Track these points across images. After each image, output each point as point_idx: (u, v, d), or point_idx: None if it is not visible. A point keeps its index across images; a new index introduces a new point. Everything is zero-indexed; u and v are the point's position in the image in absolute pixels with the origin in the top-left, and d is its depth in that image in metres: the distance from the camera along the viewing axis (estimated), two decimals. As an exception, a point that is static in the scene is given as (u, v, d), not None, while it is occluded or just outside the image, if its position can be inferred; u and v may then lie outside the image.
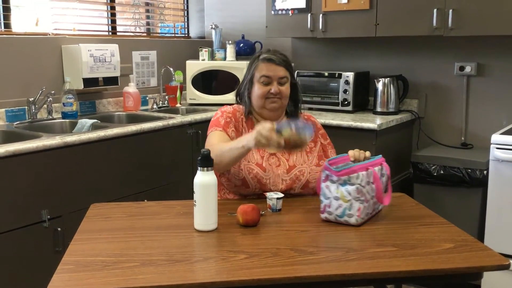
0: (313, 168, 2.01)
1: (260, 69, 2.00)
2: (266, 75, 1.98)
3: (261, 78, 1.99)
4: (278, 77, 1.99)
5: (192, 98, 3.67)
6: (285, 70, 2.01)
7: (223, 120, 2.01)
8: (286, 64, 2.02)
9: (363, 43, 3.49)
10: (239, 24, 3.99)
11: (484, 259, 1.43)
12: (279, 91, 1.99)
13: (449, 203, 2.83)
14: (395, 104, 3.24)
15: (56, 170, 2.35)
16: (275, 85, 1.98)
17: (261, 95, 1.99)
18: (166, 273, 1.34)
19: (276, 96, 1.99)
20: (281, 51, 2.07)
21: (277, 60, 1.99)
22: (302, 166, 2.00)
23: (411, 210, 1.85)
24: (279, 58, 2.01)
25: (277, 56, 2.01)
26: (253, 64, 2.04)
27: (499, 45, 3.04)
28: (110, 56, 3.12)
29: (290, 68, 2.04)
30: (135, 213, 1.83)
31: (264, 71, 1.99)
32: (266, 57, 2.00)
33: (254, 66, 2.02)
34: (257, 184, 1.94)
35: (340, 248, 1.52)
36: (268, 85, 1.99)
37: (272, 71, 1.98)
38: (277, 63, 1.99)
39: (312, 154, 2.06)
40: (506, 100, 3.05)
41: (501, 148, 2.49)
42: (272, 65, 1.99)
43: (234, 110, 2.07)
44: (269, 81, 1.99)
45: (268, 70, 1.99)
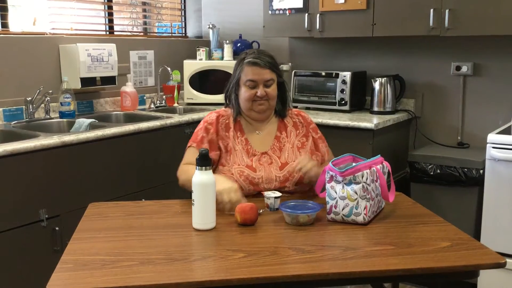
0: None
1: (246, 73, 2.00)
2: (252, 79, 1.99)
3: (247, 82, 2.00)
4: (264, 80, 1.99)
5: (190, 98, 3.68)
6: (270, 72, 2.01)
7: (201, 134, 2.03)
8: (271, 65, 2.02)
9: (360, 43, 3.50)
10: (237, 24, 4.00)
11: (481, 257, 1.44)
12: (266, 94, 2.00)
13: (445, 202, 2.84)
14: (392, 103, 3.25)
15: (54, 170, 2.35)
16: (261, 88, 1.99)
17: (247, 98, 2.00)
18: (164, 271, 1.35)
19: (263, 99, 2.00)
20: (266, 52, 2.07)
21: (262, 63, 1.99)
22: (294, 163, 2.01)
23: (408, 209, 1.87)
24: (264, 60, 2.00)
25: (262, 59, 2.00)
26: (239, 66, 2.04)
27: (496, 45, 3.05)
28: (107, 56, 3.12)
29: (276, 69, 2.04)
30: (134, 212, 1.84)
31: (249, 75, 1.99)
32: (251, 61, 2.00)
33: (240, 69, 2.03)
34: (250, 185, 1.96)
35: (338, 246, 1.53)
36: (254, 88, 1.99)
37: (257, 75, 1.99)
38: (262, 66, 1.99)
39: (304, 149, 2.07)
40: (502, 100, 3.07)
41: (497, 148, 2.50)
42: (257, 68, 1.99)
43: (218, 117, 2.07)
44: (255, 84, 1.99)
45: (254, 73, 1.99)
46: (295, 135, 2.10)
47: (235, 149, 2.02)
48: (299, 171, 1.92)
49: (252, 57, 2.01)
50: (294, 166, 1.95)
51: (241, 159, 1.99)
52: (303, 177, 1.95)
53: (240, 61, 2.05)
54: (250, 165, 1.98)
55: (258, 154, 2.02)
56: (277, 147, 2.05)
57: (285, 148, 2.05)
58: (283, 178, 1.99)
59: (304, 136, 2.10)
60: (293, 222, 1.68)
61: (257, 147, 2.04)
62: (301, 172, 1.91)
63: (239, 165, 1.98)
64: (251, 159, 2.00)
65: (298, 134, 2.10)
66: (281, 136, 2.08)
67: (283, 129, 2.10)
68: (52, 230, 2.34)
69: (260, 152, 2.03)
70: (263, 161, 2.01)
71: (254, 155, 2.02)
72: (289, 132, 2.10)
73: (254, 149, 2.03)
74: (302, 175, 1.92)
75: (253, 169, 1.98)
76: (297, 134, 2.10)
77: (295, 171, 1.95)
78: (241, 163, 1.99)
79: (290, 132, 2.10)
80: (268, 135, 2.08)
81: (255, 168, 1.98)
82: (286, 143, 2.07)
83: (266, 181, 1.98)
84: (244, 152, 2.01)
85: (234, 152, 2.01)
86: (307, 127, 2.13)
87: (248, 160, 2.00)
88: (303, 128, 2.12)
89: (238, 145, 2.03)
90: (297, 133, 2.10)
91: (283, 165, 2.01)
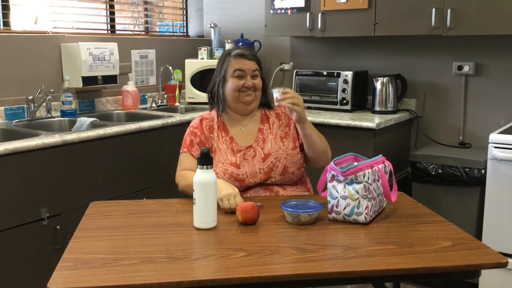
0: (289, 152, 2.05)
1: (233, 65, 2.06)
2: (240, 69, 2.04)
3: (235, 72, 2.04)
4: (251, 70, 2.05)
5: (191, 97, 3.68)
6: (256, 64, 2.08)
7: (189, 138, 2.09)
8: (256, 58, 2.10)
9: (361, 42, 3.50)
10: (238, 23, 4.00)
11: (482, 257, 1.44)
12: (253, 85, 2.05)
13: (447, 202, 2.84)
14: (394, 103, 3.25)
15: (55, 168, 2.36)
16: (249, 79, 2.05)
17: (234, 88, 2.04)
18: (165, 270, 1.35)
19: (250, 89, 2.05)
20: (251, 49, 2.18)
21: (249, 55, 2.07)
22: (277, 153, 2.03)
23: (410, 209, 1.86)
24: (250, 53, 2.09)
25: (247, 51, 2.09)
26: (225, 62, 2.09)
27: (498, 45, 3.04)
28: (109, 55, 3.12)
29: (259, 63, 2.11)
30: (135, 211, 1.84)
31: (237, 65, 2.05)
32: (238, 53, 2.07)
33: (227, 63, 2.07)
34: (235, 182, 1.99)
35: (339, 246, 1.52)
36: (242, 78, 2.04)
37: (245, 65, 2.05)
38: (249, 57, 2.06)
39: (288, 139, 2.09)
40: (504, 100, 3.06)
41: (499, 147, 2.49)
42: (244, 60, 2.06)
43: (201, 120, 2.11)
44: (243, 74, 2.04)
45: (242, 64, 2.05)
46: (278, 126, 2.11)
47: (219, 148, 2.05)
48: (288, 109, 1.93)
49: (238, 50, 2.08)
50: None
51: (225, 158, 2.02)
52: (287, 111, 1.97)
53: (225, 56, 2.10)
54: (234, 162, 2.01)
55: (243, 149, 2.05)
56: (260, 139, 2.07)
57: (268, 140, 2.07)
58: (267, 169, 2.01)
59: (286, 125, 2.12)
60: (294, 222, 1.67)
61: (241, 142, 2.06)
62: (288, 103, 1.90)
63: (223, 164, 2.01)
64: (236, 156, 2.03)
65: (281, 124, 2.12)
66: (264, 128, 2.10)
67: (265, 121, 2.12)
68: (53, 229, 2.34)
69: (244, 146, 2.05)
70: (248, 156, 2.03)
71: (240, 151, 2.04)
72: (272, 123, 2.12)
73: (239, 146, 2.05)
74: (289, 107, 1.91)
75: (237, 165, 2.00)
76: (280, 124, 2.12)
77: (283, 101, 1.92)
78: (225, 162, 2.01)
79: (272, 123, 2.12)
80: (252, 129, 2.11)
81: (239, 165, 2.00)
82: (269, 134, 2.08)
83: (250, 175, 2.00)
84: (229, 151, 2.04)
85: (219, 152, 2.04)
86: (289, 116, 2.14)
87: (233, 157, 2.02)
88: (286, 117, 2.14)
89: (222, 145, 2.05)
90: (280, 124, 2.12)
91: (266, 156, 2.03)
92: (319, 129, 2.17)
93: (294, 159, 2.05)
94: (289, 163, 2.03)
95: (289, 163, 2.03)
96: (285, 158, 2.03)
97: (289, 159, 2.03)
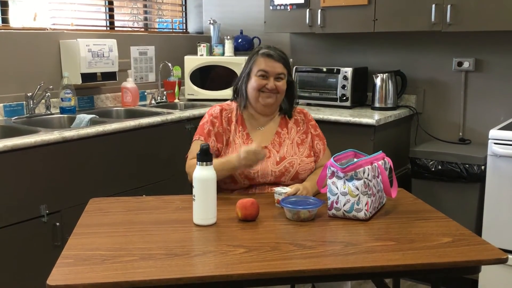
0: (303, 159, 2.04)
1: (258, 64, 2.01)
2: (264, 70, 2.00)
3: (258, 72, 2.01)
4: (276, 73, 2.00)
5: (190, 94, 3.67)
6: (283, 67, 2.02)
7: (207, 127, 2.04)
8: (285, 61, 2.04)
9: (361, 38, 3.49)
10: (238, 20, 3.99)
11: (482, 253, 1.44)
12: (275, 87, 2.00)
13: (447, 198, 2.83)
14: (393, 99, 3.25)
15: (54, 165, 2.35)
16: (272, 81, 2.00)
17: (256, 87, 2.01)
18: (165, 267, 1.34)
19: (272, 92, 2.00)
20: (280, 49, 2.09)
21: (276, 56, 2.01)
22: (292, 158, 2.02)
23: (410, 205, 1.86)
24: (278, 54, 2.02)
25: (277, 53, 2.03)
26: (252, 58, 2.05)
27: (497, 41, 3.04)
28: (108, 51, 3.11)
29: (288, 66, 2.06)
30: (134, 208, 1.84)
31: (262, 65, 2.00)
32: (265, 52, 2.02)
33: (253, 61, 2.04)
34: (245, 180, 1.98)
35: (339, 242, 1.52)
36: (265, 79, 2.00)
37: (270, 67, 2.00)
38: (276, 59, 2.00)
39: (304, 146, 2.08)
40: (504, 96, 3.06)
41: (499, 144, 2.49)
42: (271, 60, 2.00)
43: (221, 110, 2.08)
44: (266, 75, 2.00)
45: (267, 65, 2.00)
46: (295, 132, 2.10)
47: (234, 142, 2.02)
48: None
49: (266, 50, 2.03)
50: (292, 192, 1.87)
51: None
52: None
53: (253, 54, 2.07)
54: None
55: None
56: (277, 142, 2.05)
57: (284, 144, 2.05)
58: (279, 173, 1.99)
59: (304, 133, 2.11)
60: (294, 218, 1.67)
61: (257, 141, 2.04)
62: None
63: None
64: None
65: (299, 131, 2.10)
66: (282, 132, 2.08)
67: (284, 126, 2.10)
68: (53, 226, 2.33)
69: (259, 146, 2.02)
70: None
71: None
72: (290, 128, 2.10)
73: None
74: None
75: None
76: (297, 130, 2.10)
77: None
78: None
79: (291, 128, 2.10)
80: (269, 131, 2.08)
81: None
82: (286, 139, 2.07)
83: (261, 175, 1.98)
84: (243, 146, 2.01)
85: (234, 146, 2.02)
86: (307, 124, 2.13)
87: None
88: (304, 125, 2.12)
89: (238, 139, 2.03)
90: (297, 130, 2.10)
91: (280, 160, 2.01)
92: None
93: (307, 167, 2.03)
94: (301, 170, 2.02)
95: (302, 170, 2.02)
96: (298, 164, 2.01)
97: (302, 166, 2.02)
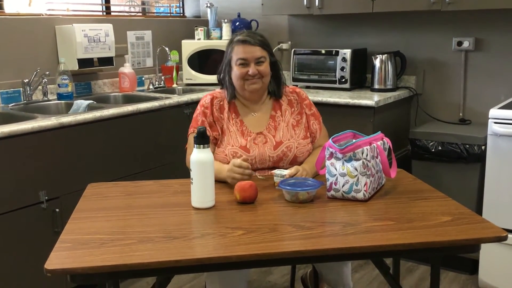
0: (300, 142, 2.03)
1: (236, 52, 1.99)
2: (243, 58, 1.97)
3: (238, 61, 1.98)
4: (255, 57, 1.97)
5: (189, 78, 3.65)
6: (261, 49, 1.99)
7: (200, 118, 2.03)
8: (262, 43, 2.00)
9: (360, 19, 3.45)
10: (235, 3, 3.94)
11: (482, 231, 1.44)
12: (258, 72, 1.98)
13: (447, 179, 2.83)
14: (393, 81, 3.22)
15: (52, 151, 2.34)
16: (253, 66, 1.97)
17: (239, 77, 1.98)
18: (164, 249, 1.34)
19: (255, 77, 1.98)
20: (256, 32, 2.07)
21: (252, 41, 1.98)
22: (289, 142, 2.01)
23: (409, 185, 1.85)
24: (254, 38, 1.99)
25: (252, 37, 1.99)
26: (229, 47, 2.03)
27: (497, 19, 3.00)
28: (104, 36, 3.09)
29: (267, 47, 2.03)
30: (132, 192, 1.83)
31: (240, 53, 1.98)
32: (240, 39, 1.99)
33: (230, 49, 2.02)
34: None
35: (338, 222, 1.52)
36: (246, 66, 1.97)
37: (248, 53, 1.97)
38: (252, 43, 1.98)
39: (299, 127, 2.06)
40: (504, 75, 3.03)
41: (499, 123, 2.47)
42: (247, 46, 1.97)
43: (212, 99, 2.06)
44: (246, 62, 1.97)
45: (244, 51, 1.97)
46: (290, 113, 2.08)
47: (229, 130, 2.01)
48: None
49: (241, 36, 2.00)
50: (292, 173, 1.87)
51: (235, 140, 1.99)
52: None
53: (230, 42, 2.04)
54: (244, 146, 1.98)
55: (253, 134, 2.01)
56: (272, 127, 2.04)
57: (280, 127, 2.04)
58: (276, 158, 1.98)
59: (298, 113, 2.09)
60: (293, 199, 1.67)
61: (252, 128, 2.03)
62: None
63: (232, 146, 1.98)
64: (246, 139, 1.99)
65: (293, 112, 2.08)
66: (276, 115, 2.06)
67: (278, 108, 2.08)
68: (52, 212, 2.33)
69: (255, 132, 2.02)
70: (258, 141, 2.00)
71: (249, 135, 2.01)
72: (284, 110, 2.08)
73: (249, 130, 2.02)
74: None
75: (246, 149, 1.97)
76: (292, 112, 2.08)
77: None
78: (234, 144, 1.98)
79: (285, 110, 2.08)
80: (263, 116, 2.07)
81: (248, 149, 1.97)
82: (281, 122, 2.05)
83: (259, 161, 1.97)
84: (238, 133, 2.01)
85: (229, 134, 2.00)
86: (301, 103, 2.11)
87: (243, 140, 1.99)
88: (298, 105, 2.10)
89: (232, 127, 2.02)
90: (292, 111, 2.08)
91: (277, 144, 2.00)
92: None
93: (304, 149, 2.02)
94: (299, 153, 2.01)
95: (299, 153, 2.01)
96: (296, 147, 2.00)
97: (299, 149, 2.01)
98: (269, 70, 2.02)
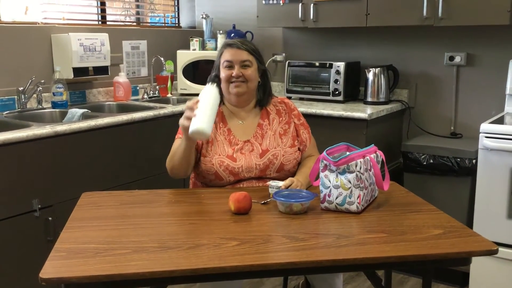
0: (287, 150, 2.05)
1: (224, 55, 2.05)
2: (228, 60, 2.02)
3: (224, 63, 2.03)
4: (240, 60, 2.02)
5: (183, 88, 3.66)
6: (248, 54, 2.04)
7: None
8: (250, 49, 2.05)
9: (354, 33, 3.50)
10: (230, 14, 3.98)
11: (473, 244, 1.45)
12: (242, 75, 2.01)
13: (438, 192, 2.85)
14: (386, 94, 3.26)
15: (46, 160, 2.34)
16: (237, 68, 2.01)
17: (224, 79, 2.03)
18: (158, 259, 1.35)
19: (239, 80, 2.01)
20: (247, 40, 2.17)
21: (240, 45, 2.04)
22: (275, 150, 2.03)
23: (401, 198, 1.87)
24: (243, 43, 2.05)
25: (241, 42, 2.06)
26: (219, 52, 2.09)
27: (489, 35, 3.05)
28: (100, 46, 3.10)
29: (255, 54, 2.07)
30: (127, 202, 1.84)
31: (227, 56, 2.04)
32: (229, 43, 2.07)
33: (220, 54, 2.08)
34: (230, 175, 1.97)
35: (331, 234, 1.53)
36: (231, 69, 2.02)
37: (234, 55, 2.02)
38: (239, 47, 2.03)
39: (286, 136, 2.09)
40: (495, 90, 3.08)
41: (490, 137, 2.51)
42: (233, 49, 2.03)
43: None
44: (231, 64, 2.02)
45: (230, 54, 2.03)
46: (278, 122, 2.10)
47: (216, 139, 2.02)
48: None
49: (229, 40, 2.09)
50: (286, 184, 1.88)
51: (222, 149, 2.00)
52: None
53: (220, 48, 2.11)
54: (230, 155, 1.99)
55: (241, 143, 2.03)
56: (259, 134, 2.06)
57: (266, 135, 2.06)
58: (263, 166, 2.00)
59: (286, 123, 2.11)
60: (287, 211, 1.68)
61: (239, 136, 2.05)
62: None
63: (219, 155, 1.99)
64: (233, 148, 2.01)
65: (281, 121, 2.11)
66: (264, 124, 2.09)
67: (265, 117, 2.11)
68: (45, 220, 2.33)
69: (242, 141, 2.03)
70: (245, 150, 2.02)
71: (237, 144, 2.02)
72: (272, 119, 2.10)
73: (236, 139, 2.03)
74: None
75: (233, 159, 1.98)
76: (279, 121, 2.11)
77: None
78: (221, 153, 1.99)
79: (272, 119, 2.10)
80: (250, 124, 2.09)
81: (235, 158, 1.99)
82: (268, 130, 2.07)
83: (246, 170, 1.99)
84: (226, 142, 2.02)
85: (216, 143, 2.02)
86: (289, 113, 2.14)
87: (230, 149, 2.00)
88: (286, 115, 2.13)
89: (220, 136, 2.03)
90: (279, 120, 2.11)
91: (263, 152, 2.02)
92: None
93: (291, 157, 2.04)
94: (286, 161, 2.02)
95: (286, 161, 2.03)
96: (282, 155, 2.02)
97: (286, 157, 2.03)
98: (256, 77, 2.06)
